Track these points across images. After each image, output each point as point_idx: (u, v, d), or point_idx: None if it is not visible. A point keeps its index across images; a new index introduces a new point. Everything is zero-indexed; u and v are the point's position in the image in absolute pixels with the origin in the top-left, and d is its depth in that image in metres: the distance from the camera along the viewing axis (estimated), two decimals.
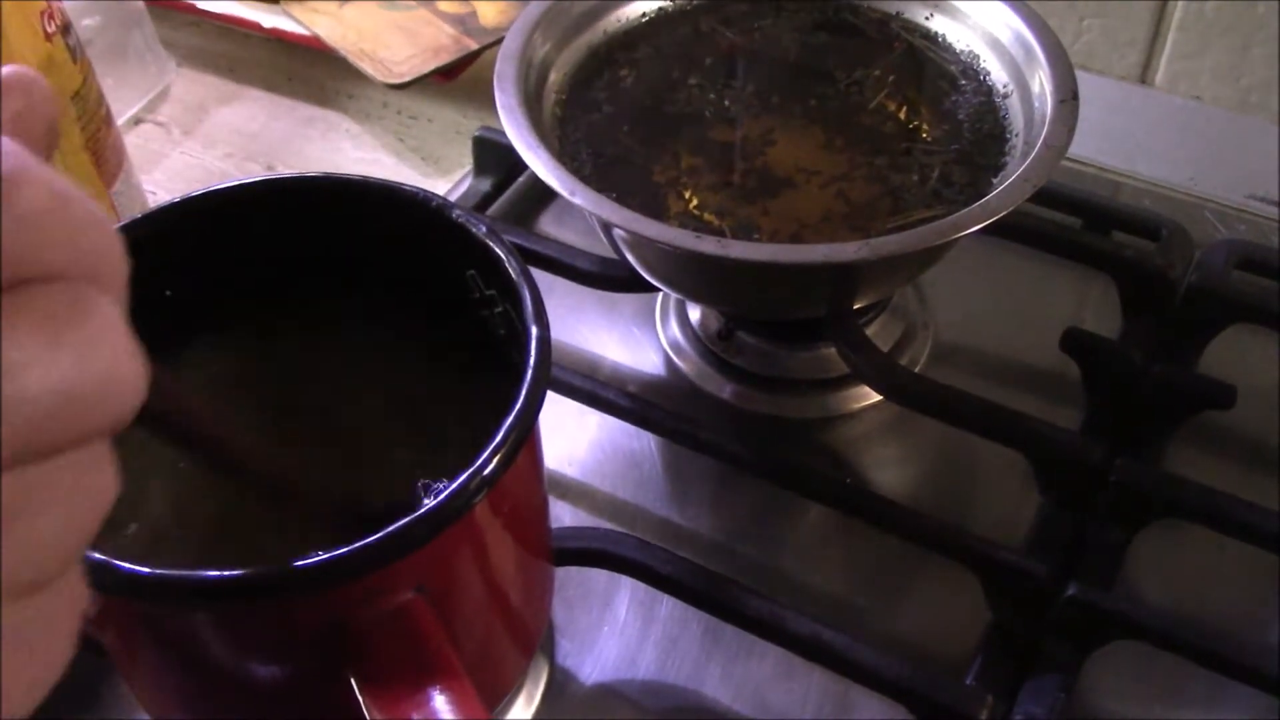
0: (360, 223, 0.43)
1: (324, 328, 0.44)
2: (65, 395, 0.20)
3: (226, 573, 0.32)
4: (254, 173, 0.73)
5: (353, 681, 0.33)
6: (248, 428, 0.40)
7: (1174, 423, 0.56)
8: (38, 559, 0.21)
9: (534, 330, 0.37)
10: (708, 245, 0.47)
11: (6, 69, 0.22)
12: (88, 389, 0.20)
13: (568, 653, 0.50)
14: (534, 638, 0.44)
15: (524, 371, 0.36)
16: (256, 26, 0.78)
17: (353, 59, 0.73)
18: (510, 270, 0.39)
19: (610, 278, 0.58)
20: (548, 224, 0.68)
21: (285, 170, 0.73)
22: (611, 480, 0.56)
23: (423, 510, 0.32)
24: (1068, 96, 0.52)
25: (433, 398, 0.43)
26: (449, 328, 0.43)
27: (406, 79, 0.72)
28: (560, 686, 0.49)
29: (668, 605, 0.50)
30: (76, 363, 0.20)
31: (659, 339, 0.62)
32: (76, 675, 0.44)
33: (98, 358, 0.20)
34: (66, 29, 0.56)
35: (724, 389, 0.59)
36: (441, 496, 0.33)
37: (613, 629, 0.50)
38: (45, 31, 0.54)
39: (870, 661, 0.45)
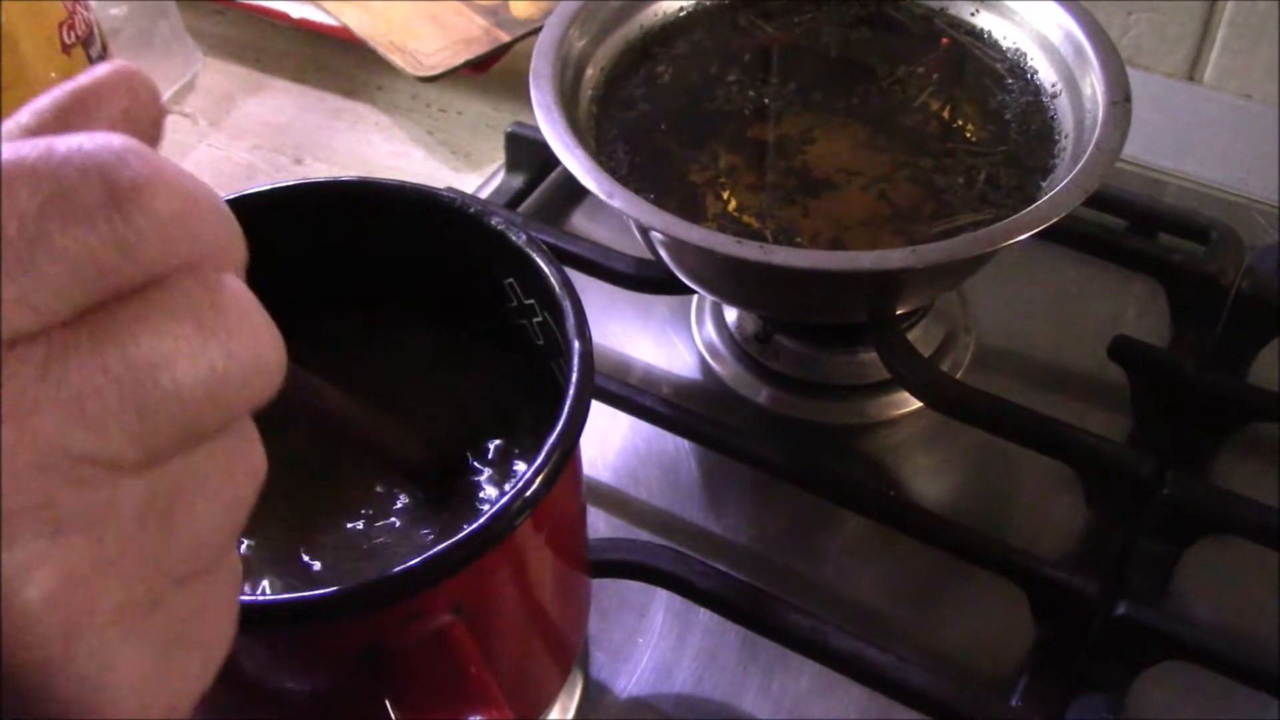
0: (395, 227, 0.42)
1: (358, 333, 0.43)
2: (215, 383, 0.20)
3: (263, 599, 0.31)
4: (281, 165, 0.72)
5: (388, 704, 0.32)
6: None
7: (1223, 433, 0.54)
8: (199, 545, 0.21)
9: (577, 345, 0.36)
10: (749, 251, 0.46)
11: (107, 66, 0.22)
12: (235, 373, 0.20)
13: (602, 665, 0.49)
14: (572, 652, 0.43)
15: (566, 388, 0.35)
16: (285, 16, 0.77)
17: (382, 50, 0.72)
18: (552, 282, 0.37)
19: (646, 279, 0.57)
20: (581, 220, 0.67)
21: (313, 163, 0.72)
22: (646, 486, 0.55)
23: (463, 534, 0.31)
24: (1120, 98, 0.51)
25: (470, 404, 0.42)
26: (486, 334, 0.42)
27: (437, 71, 0.71)
28: (595, 700, 0.48)
29: (705, 616, 0.49)
30: (223, 348, 0.20)
31: (694, 341, 0.61)
32: None
33: (242, 341, 0.21)
34: (88, 39, 0.54)
35: (760, 393, 0.58)
36: (483, 519, 0.32)
37: (648, 640, 0.49)
38: (64, 43, 0.52)
39: (914, 681, 0.44)
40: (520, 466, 0.40)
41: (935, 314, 0.59)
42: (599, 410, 0.55)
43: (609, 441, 0.56)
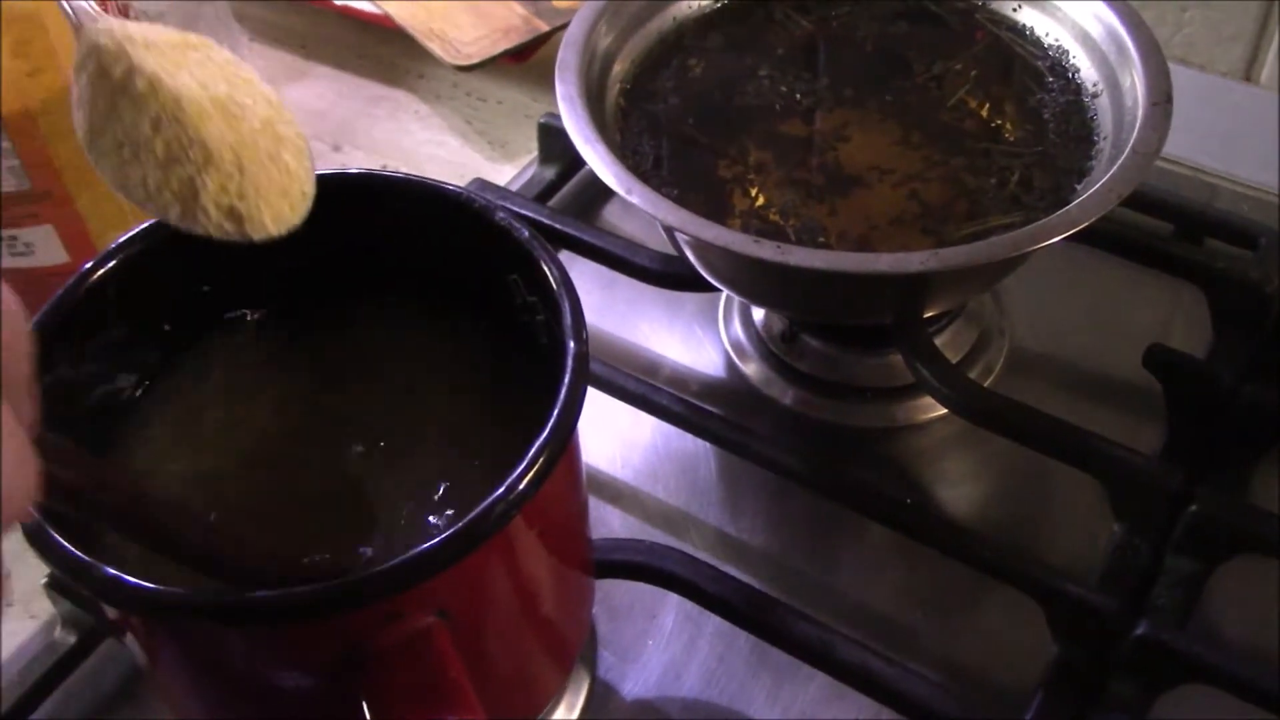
0: (403, 221, 0.41)
1: (363, 325, 0.43)
2: None
3: (237, 595, 0.31)
4: (319, 152, 0.72)
5: (365, 706, 0.32)
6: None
7: (1262, 448, 0.52)
8: None
9: (571, 345, 0.35)
10: (766, 251, 0.45)
11: None
12: None
13: (610, 665, 0.48)
14: (571, 653, 0.43)
15: (558, 389, 0.34)
16: (328, 2, 0.77)
17: (421, 39, 0.72)
18: (550, 279, 0.37)
19: (671, 275, 0.56)
20: (613, 214, 0.66)
21: (351, 150, 0.72)
22: (664, 485, 0.54)
23: (443, 535, 0.31)
24: (1161, 99, 0.49)
25: (476, 400, 0.42)
26: (494, 331, 0.42)
27: (475, 60, 0.70)
28: (601, 701, 0.47)
29: (716, 619, 0.48)
30: None
31: (721, 339, 0.60)
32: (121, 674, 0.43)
33: None
34: None
35: (786, 394, 0.57)
36: (463, 521, 0.31)
37: (658, 642, 0.49)
38: None
39: (921, 695, 0.42)
40: None
41: (968, 316, 0.58)
42: (619, 407, 0.55)
43: (630, 439, 0.56)
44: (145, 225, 0.40)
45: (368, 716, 0.31)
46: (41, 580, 0.48)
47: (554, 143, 0.65)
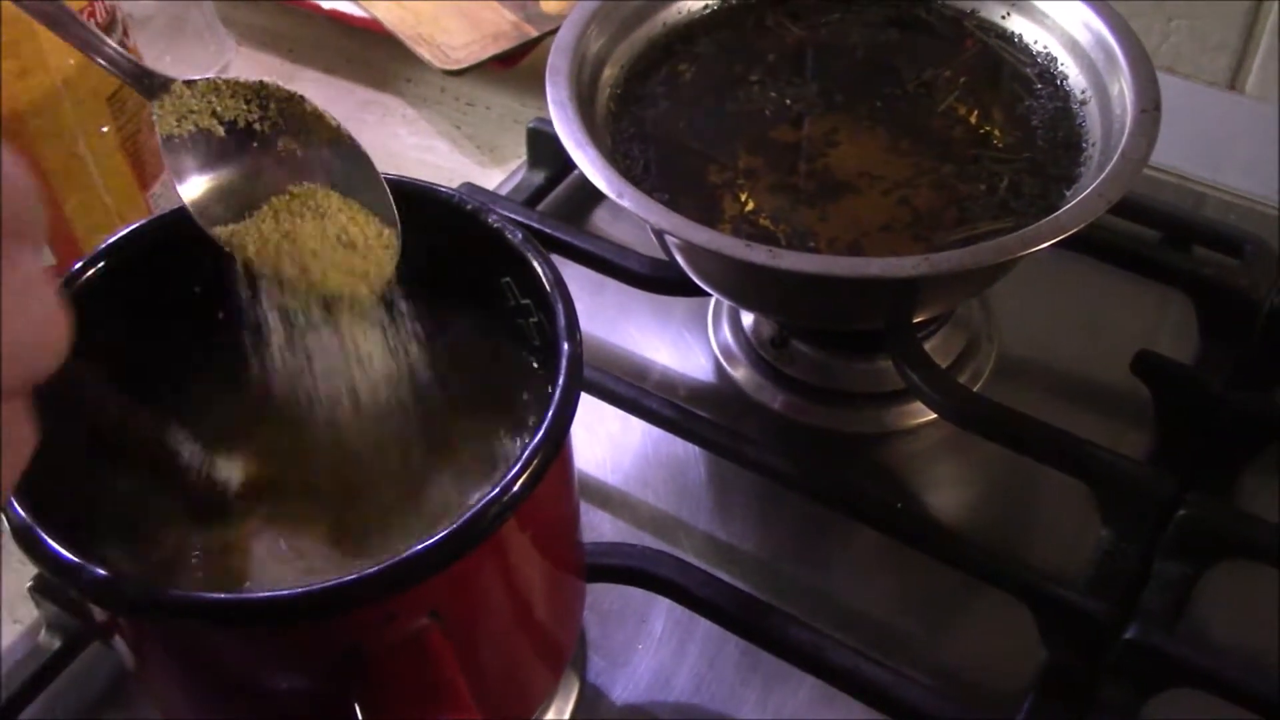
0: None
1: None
2: None
3: (229, 596, 0.31)
4: None
5: (357, 709, 0.32)
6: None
7: (1250, 454, 0.53)
8: None
9: (566, 347, 0.35)
10: (758, 255, 0.45)
11: None
12: (11, 344, 0.20)
13: (600, 670, 0.48)
14: (563, 655, 0.43)
15: (553, 390, 0.34)
16: (316, 7, 0.77)
17: (410, 43, 0.72)
18: (544, 281, 0.37)
19: (661, 280, 0.56)
20: (602, 220, 0.66)
21: None
22: (654, 489, 0.54)
23: (436, 537, 0.31)
24: (1149, 106, 0.49)
25: (468, 403, 0.41)
26: (486, 333, 0.41)
27: (463, 65, 0.70)
28: (591, 705, 0.47)
29: (706, 624, 0.48)
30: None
31: (710, 344, 0.60)
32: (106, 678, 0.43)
33: (22, 312, 0.20)
34: (110, 26, 0.54)
35: (775, 399, 0.57)
36: (456, 523, 0.31)
37: (648, 646, 0.49)
38: None
39: (912, 699, 0.43)
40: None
41: (956, 321, 0.58)
42: (609, 412, 0.55)
43: (620, 444, 0.56)
44: (133, 227, 0.40)
45: (360, 718, 0.31)
46: (26, 584, 0.47)
47: (543, 147, 0.65)
